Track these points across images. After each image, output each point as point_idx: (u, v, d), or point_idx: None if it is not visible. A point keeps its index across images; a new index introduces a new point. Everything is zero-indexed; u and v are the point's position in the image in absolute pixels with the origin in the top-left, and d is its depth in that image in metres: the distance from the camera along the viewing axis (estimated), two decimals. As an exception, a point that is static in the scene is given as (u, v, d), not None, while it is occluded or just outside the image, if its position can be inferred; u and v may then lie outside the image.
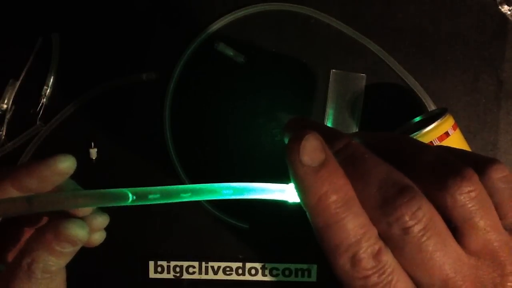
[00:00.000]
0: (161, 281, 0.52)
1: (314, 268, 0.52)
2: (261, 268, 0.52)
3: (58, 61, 0.52)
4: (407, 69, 0.52)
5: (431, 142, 0.44)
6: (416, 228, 0.20)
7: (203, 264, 0.52)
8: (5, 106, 0.51)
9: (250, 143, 0.52)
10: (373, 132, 0.27)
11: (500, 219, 0.22)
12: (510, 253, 0.21)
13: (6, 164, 0.51)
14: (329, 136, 0.23)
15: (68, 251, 0.28)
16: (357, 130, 0.52)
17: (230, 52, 0.52)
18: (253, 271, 0.52)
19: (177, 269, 0.52)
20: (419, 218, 0.20)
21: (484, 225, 0.21)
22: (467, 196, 0.20)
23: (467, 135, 0.48)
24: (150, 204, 0.54)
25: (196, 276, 0.52)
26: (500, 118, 0.52)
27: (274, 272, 0.52)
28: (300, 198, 0.23)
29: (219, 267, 0.52)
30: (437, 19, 0.52)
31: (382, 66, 0.52)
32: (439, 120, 0.45)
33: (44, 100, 0.51)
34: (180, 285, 0.52)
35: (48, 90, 0.51)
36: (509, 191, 0.22)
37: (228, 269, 0.52)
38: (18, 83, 0.51)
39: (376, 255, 0.21)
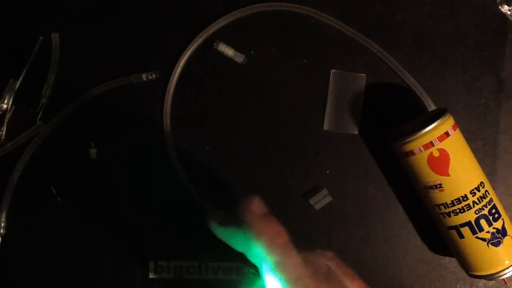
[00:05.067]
0: (161, 281, 0.52)
1: (314, 268, 0.52)
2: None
3: (58, 61, 0.52)
4: (407, 69, 0.52)
5: (431, 142, 0.44)
6: None
7: (203, 264, 0.52)
8: (5, 106, 0.51)
9: (250, 143, 0.52)
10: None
11: None
12: None
13: (6, 164, 0.51)
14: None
15: None
16: (357, 130, 0.52)
17: (230, 52, 0.52)
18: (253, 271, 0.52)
19: (177, 269, 0.52)
20: None
21: None
22: None
23: (467, 135, 0.48)
24: (150, 204, 0.54)
25: (196, 276, 0.52)
26: (500, 118, 0.52)
27: (274, 272, 0.52)
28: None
29: (219, 267, 0.52)
30: (437, 19, 0.52)
31: (382, 66, 0.52)
32: (439, 120, 0.45)
33: (44, 100, 0.51)
34: (180, 285, 0.52)
35: (48, 90, 0.51)
36: None
37: (228, 269, 0.52)
38: (18, 83, 0.51)
39: None
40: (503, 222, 0.46)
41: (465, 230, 0.46)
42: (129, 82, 0.52)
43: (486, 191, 0.46)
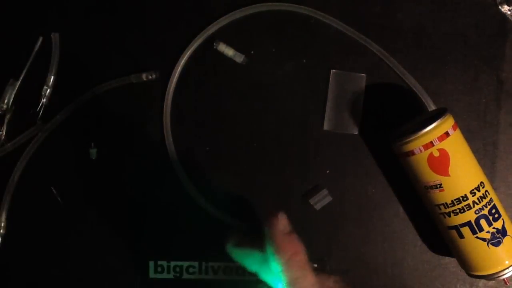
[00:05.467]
0: (161, 281, 0.52)
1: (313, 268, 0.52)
2: (261, 268, 0.52)
3: (58, 61, 0.52)
4: (407, 69, 0.52)
5: (431, 142, 0.44)
6: None
7: (203, 264, 0.52)
8: (5, 106, 0.51)
9: (250, 143, 0.52)
10: None
11: None
12: None
13: (6, 164, 0.51)
14: None
15: None
16: (357, 130, 0.52)
17: (230, 52, 0.52)
18: (253, 271, 0.52)
19: (177, 269, 0.52)
20: None
21: None
22: None
23: (467, 135, 0.48)
24: (150, 204, 0.54)
25: (196, 276, 0.52)
26: (500, 118, 0.52)
27: (274, 272, 0.52)
28: None
29: (219, 267, 0.52)
30: (437, 19, 0.52)
31: (382, 66, 0.52)
32: (439, 120, 0.45)
33: (44, 100, 0.51)
34: (180, 285, 0.52)
35: (48, 90, 0.51)
36: None
37: (228, 269, 0.52)
38: (18, 83, 0.51)
39: None
40: (503, 222, 0.46)
41: (465, 230, 0.46)
42: (129, 82, 0.52)
43: (486, 191, 0.46)
